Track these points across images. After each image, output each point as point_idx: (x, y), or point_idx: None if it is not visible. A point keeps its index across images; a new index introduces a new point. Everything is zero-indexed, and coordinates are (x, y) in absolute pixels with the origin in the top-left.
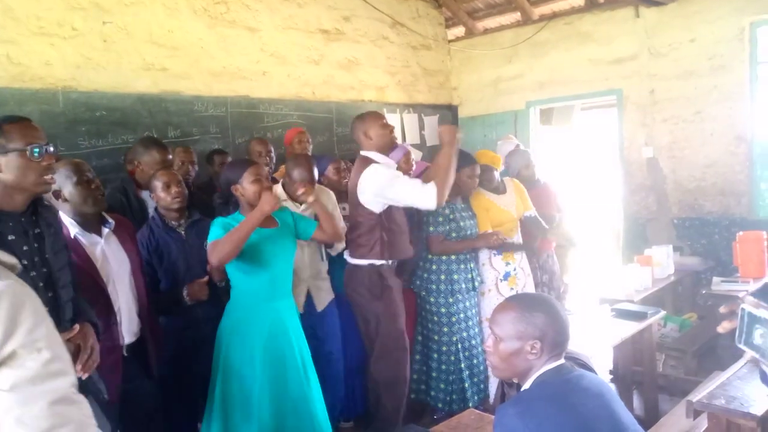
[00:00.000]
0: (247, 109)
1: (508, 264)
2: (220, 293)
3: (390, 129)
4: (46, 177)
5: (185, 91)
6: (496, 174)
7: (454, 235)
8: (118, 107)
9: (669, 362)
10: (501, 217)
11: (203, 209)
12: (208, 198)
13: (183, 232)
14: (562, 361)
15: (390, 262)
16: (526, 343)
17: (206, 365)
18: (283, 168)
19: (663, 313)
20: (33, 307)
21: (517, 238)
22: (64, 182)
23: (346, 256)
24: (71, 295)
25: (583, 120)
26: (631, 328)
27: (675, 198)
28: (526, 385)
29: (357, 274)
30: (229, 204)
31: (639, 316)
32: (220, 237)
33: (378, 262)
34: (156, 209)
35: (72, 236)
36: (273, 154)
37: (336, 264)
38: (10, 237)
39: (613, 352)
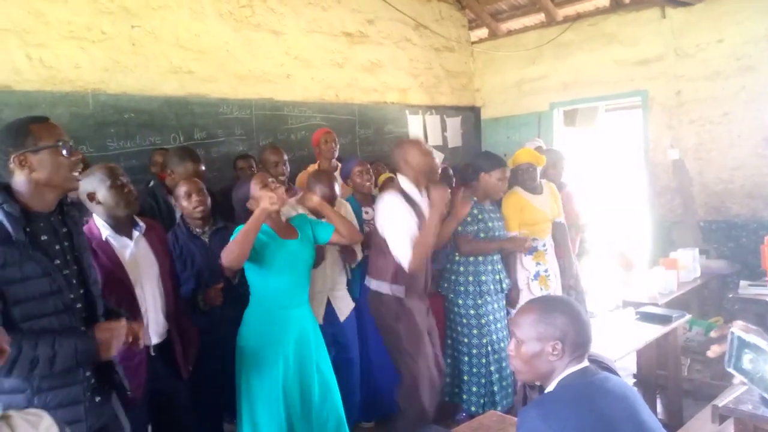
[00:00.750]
0: (272, 112)
1: (538, 264)
2: (239, 295)
3: (430, 156)
4: (75, 173)
5: (211, 93)
6: (538, 172)
7: (482, 235)
8: (145, 109)
9: (694, 367)
10: (535, 217)
11: (227, 214)
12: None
13: (207, 240)
14: (585, 363)
15: (402, 289)
16: (547, 345)
17: (226, 365)
18: (302, 175)
19: (688, 316)
20: None
21: (549, 240)
22: (98, 185)
23: (367, 277)
24: (100, 292)
25: (608, 121)
26: (656, 331)
27: (701, 200)
28: (549, 388)
29: (376, 298)
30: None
31: (664, 320)
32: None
33: (394, 288)
34: (181, 216)
35: (104, 238)
36: (287, 164)
37: (355, 270)
38: (43, 237)
39: (636, 355)
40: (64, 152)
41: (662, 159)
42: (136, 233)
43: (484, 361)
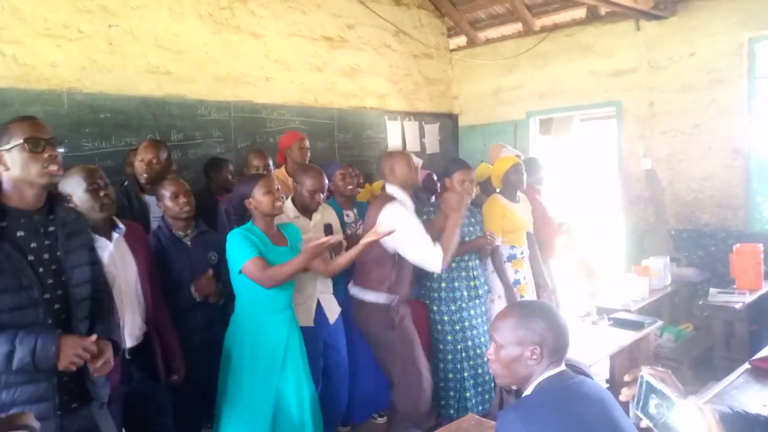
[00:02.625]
0: (250, 114)
1: (517, 272)
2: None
3: (415, 169)
4: (49, 168)
5: (189, 95)
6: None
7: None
8: (122, 110)
9: None
10: (515, 224)
11: (205, 217)
12: (206, 206)
13: (189, 243)
14: (563, 367)
15: (397, 298)
16: (526, 349)
17: (208, 369)
18: (279, 170)
19: (660, 323)
20: None
21: (526, 248)
22: (74, 188)
23: (351, 285)
24: (86, 295)
25: (582, 131)
26: (629, 337)
27: (673, 210)
28: (527, 391)
29: (366, 308)
30: (245, 219)
31: (636, 326)
32: (249, 252)
33: (387, 299)
34: (163, 218)
35: None
36: (272, 167)
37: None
38: (19, 233)
39: (609, 361)
40: (32, 148)
41: (635, 169)
42: (115, 235)
43: (459, 366)
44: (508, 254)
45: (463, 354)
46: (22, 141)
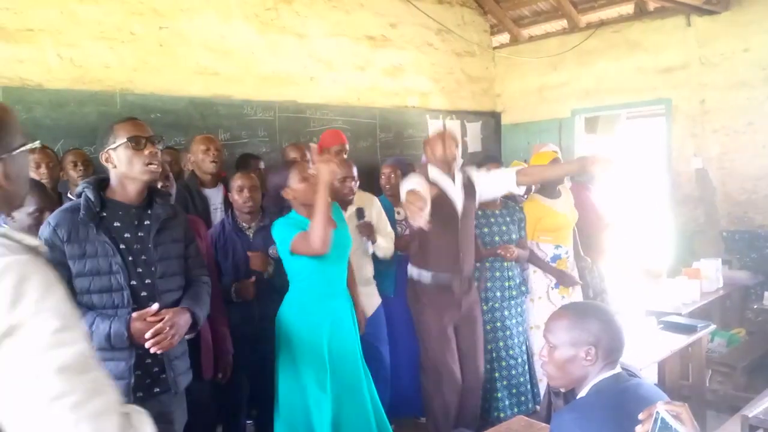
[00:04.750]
0: (294, 114)
1: (573, 286)
2: (273, 292)
3: (445, 146)
4: (150, 166)
5: (236, 95)
6: None
7: (478, 242)
8: (171, 110)
9: (716, 378)
10: (557, 222)
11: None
12: None
13: (251, 235)
14: (618, 369)
15: (430, 274)
16: (581, 350)
17: (260, 363)
18: None
19: (713, 326)
20: (42, 279)
21: (570, 247)
22: None
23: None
24: (173, 287)
25: (629, 129)
26: (680, 341)
27: (724, 210)
28: (582, 393)
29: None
30: (283, 211)
31: (688, 330)
32: (292, 231)
33: (417, 273)
34: (232, 209)
35: None
36: (310, 161)
37: (382, 267)
38: (116, 224)
39: (657, 366)
40: (135, 146)
41: (685, 168)
42: None
43: (488, 366)
44: (552, 254)
45: (494, 355)
46: (125, 140)
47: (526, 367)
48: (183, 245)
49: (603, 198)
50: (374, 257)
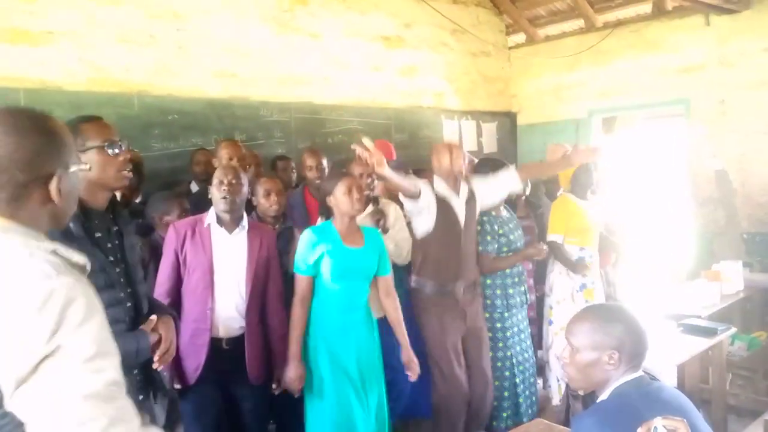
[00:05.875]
0: (310, 115)
1: (585, 275)
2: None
3: (452, 156)
4: (124, 172)
5: (252, 96)
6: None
7: (505, 249)
8: (189, 111)
9: (736, 382)
10: (585, 224)
11: None
12: None
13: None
14: (640, 372)
15: (433, 284)
16: (604, 354)
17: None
18: None
19: (734, 329)
20: (85, 304)
21: (596, 250)
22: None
23: None
24: (146, 291)
25: (647, 129)
26: (700, 344)
27: (745, 212)
28: (603, 396)
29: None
30: (330, 216)
31: (708, 333)
32: (303, 267)
33: (420, 283)
34: (255, 212)
35: (205, 225)
36: (325, 166)
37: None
38: (98, 234)
39: (677, 369)
40: (111, 151)
41: (704, 169)
42: (237, 229)
43: (508, 373)
44: (577, 256)
45: (513, 360)
46: (100, 144)
47: (534, 371)
48: (139, 247)
49: (614, 203)
50: None
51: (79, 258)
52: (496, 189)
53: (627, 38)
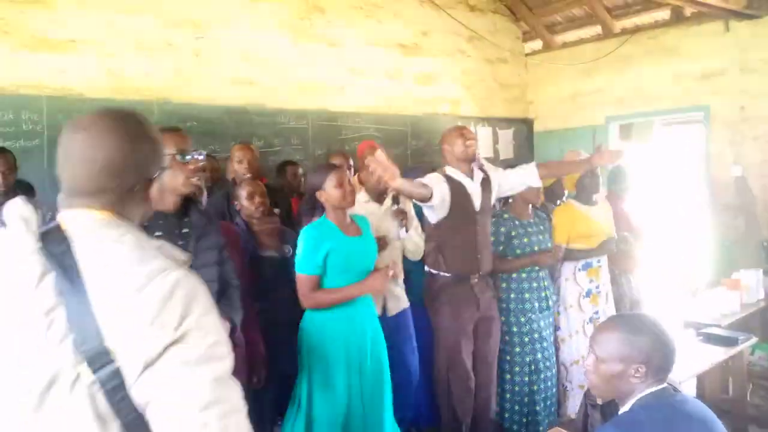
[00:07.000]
0: (327, 122)
1: (591, 281)
2: (295, 297)
3: (465, 140)
4: (193, 179)
5: (270, 104)
6: (600, 179)
7: (518, 252)
8: (207, 118)
9: (757, 392)
10: (591, 229)
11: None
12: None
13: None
14: (665, 384)
15: (443, 270)
16: (630, 367)
17: (284, 367)
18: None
19: (755, 339)
20: (204, 296)
21: (605, 256)
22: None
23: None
24: (212, 292)
25: (665, 136)
26: (720, 354)
27: (765, 219)
28: (625, 407)
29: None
30: (315, 211)
31: (729, 342)
32: (309, 267)
33: (434, 270)
34: (239, 213)
35: None
36: (352, 169)
37: (413, 273)
38: (157, 233)
39: (696, 379)
40: (181, 159)
41: (724, 176)
42: None
43: (526, 379)
44: (584, 262)
45: (532, 367)
46: (172, 152)
47: (555, 379)
48: (217, 252)
49: (638, 208)
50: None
51: (182, 255)
52: (513, 179)
53: (645, 45)
